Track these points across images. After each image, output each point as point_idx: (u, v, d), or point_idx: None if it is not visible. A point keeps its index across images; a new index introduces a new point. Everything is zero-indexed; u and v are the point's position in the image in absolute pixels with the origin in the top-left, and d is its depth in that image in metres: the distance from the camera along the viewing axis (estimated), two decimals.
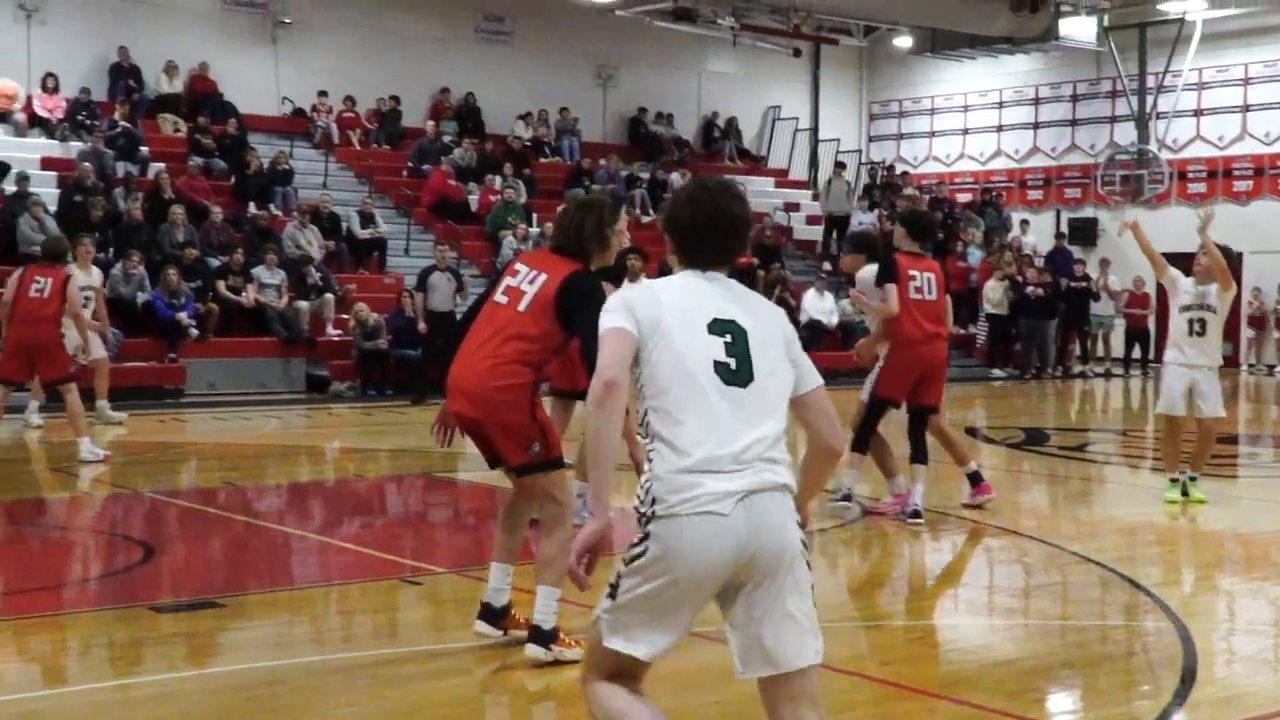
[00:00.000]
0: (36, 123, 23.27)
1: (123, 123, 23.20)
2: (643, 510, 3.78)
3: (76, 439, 12.89)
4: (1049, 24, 27.87)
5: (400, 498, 12.03)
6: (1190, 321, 10.42)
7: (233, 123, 24.54)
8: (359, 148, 26.22)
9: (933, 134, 33.47)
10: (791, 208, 30.14)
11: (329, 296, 20.96)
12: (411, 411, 17.85)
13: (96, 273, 16.43)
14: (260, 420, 17.30)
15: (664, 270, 7.16)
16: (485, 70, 28.30)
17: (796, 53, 29.02)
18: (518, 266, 6.08)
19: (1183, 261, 10.78)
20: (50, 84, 23.51)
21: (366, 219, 23.33)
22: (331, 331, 20.83)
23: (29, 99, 23.28)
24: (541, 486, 6.04)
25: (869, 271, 10.01)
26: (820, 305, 24.37)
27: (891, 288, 9.59)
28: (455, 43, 28.35)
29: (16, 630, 6.90)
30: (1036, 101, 31.75)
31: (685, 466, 3.73)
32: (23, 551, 9.37)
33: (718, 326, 3.84)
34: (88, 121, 23.18)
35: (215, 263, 20.63)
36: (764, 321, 3.94)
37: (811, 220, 29.89)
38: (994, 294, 25.34)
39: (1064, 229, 29.99)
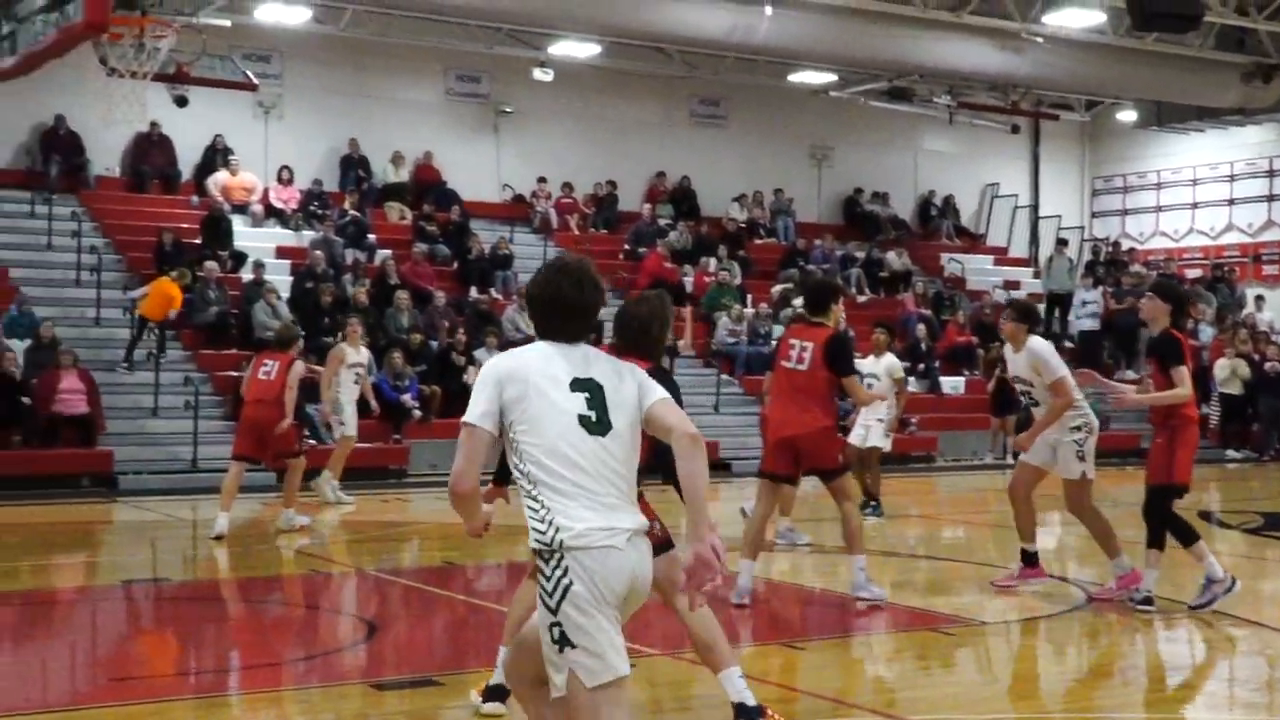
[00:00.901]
0: (271, 213, 24.28)
1: (352, 211, 24.05)
2: (548, 544, 4.25)
3: (283, 508, 13.54)
4: None
5: None
6: None
7: (455, 209, 25.22)
8: (577, 232, 26.69)
9: (1159, 209, 32.51)
10: (1012, 285, 29.56)
11: None
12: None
13: (365, 352, 16.64)
14: None
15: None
16: (700, 153, 28.58)
17: (1015, 129, 28.58)
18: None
19: None
20: (285, 176, 24.53)
21: None
22: None
23: (265, 191, 24.36)
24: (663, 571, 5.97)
25: (1043, 346, 9.74)
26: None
27: (1185, 370, 9.21)
28: (671, 127, 28.71)
29: (245, 706, 7.10)
30: (1271, 174, 30.58)
31: (581, 503, 4.25)
32: (253, 628, 9.68)
33: (577, 385, 4.38)
34: (319, 211, 24.09)
35: (438, 345, 21.14)
36: (617, 380, 4.44)
37: (1032, 298, 29.19)
38: (1222, 372, 24.43)
39: None
